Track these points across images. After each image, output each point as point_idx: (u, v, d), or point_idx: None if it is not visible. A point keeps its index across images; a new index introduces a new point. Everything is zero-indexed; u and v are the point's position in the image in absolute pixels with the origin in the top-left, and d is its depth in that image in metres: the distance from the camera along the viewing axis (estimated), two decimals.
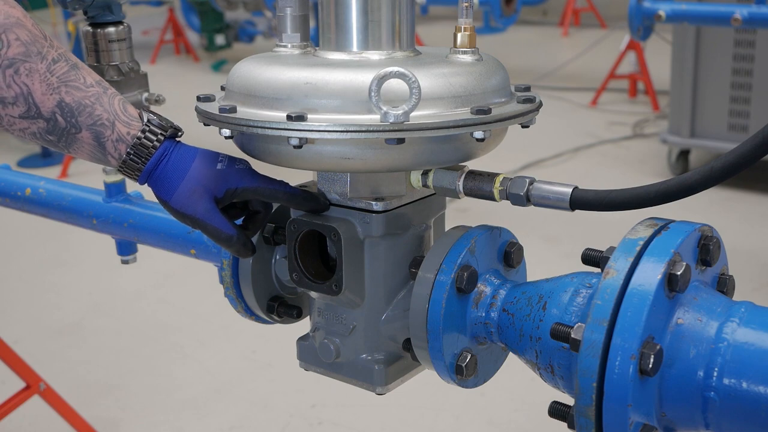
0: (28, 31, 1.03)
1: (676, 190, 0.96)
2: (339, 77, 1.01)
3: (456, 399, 3.07)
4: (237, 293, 1.32)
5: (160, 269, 4.12)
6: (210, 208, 1.09)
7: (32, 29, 1.04)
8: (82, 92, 1.05)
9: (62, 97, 1.04)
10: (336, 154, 1.03)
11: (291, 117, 0.99)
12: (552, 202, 1.04)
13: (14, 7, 1.03)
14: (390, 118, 0.96)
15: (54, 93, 1.04)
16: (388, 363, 1.18)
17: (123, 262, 1.86)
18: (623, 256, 0.92)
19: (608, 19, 11.04)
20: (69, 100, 1.05)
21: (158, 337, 3.65)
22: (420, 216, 1.18)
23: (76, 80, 1.06)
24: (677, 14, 3.83)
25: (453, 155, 1.07)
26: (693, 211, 2.77)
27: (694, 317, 0.92)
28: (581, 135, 6.41)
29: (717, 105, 5.24)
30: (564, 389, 1.03)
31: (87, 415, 2.82)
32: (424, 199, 1.17)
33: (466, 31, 1.09)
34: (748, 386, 0.87)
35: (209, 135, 1.43)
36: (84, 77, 1.07)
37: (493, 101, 1.06)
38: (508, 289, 1.09)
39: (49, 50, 1.04)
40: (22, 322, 3.85)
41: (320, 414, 3.03)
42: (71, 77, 1.05)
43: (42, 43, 1.04)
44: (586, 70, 8.37)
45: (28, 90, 1.03)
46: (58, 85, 1.04)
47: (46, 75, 1.03)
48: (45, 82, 1.03)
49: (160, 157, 1.09)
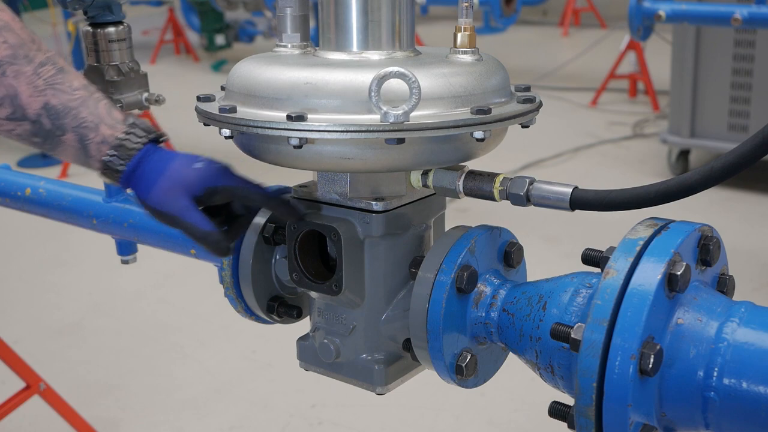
0: (16, 34, 1.04)
1: (675, 190, 0.96)
2: (339, 77, 1.01)
3: (456, 399, 3.07)
4: (237, 293, 1.32)
5: (160, 269, 4.12)
6: (187, 205, 1.08)
7: (20, 33, 1.05)
8: (67, 95, 1.06)
9: (48, 99, 1.05)
10: (336, 154, 1.02)
11: (291, 117, 0.99)
12: (552, 202, 1.04)
13: (2, 10, 1.04)
14: (390, 118, 0.96)
15: (40, 95, 1.05)
16: (388, 363, 1.18)
17: (123, 262, 1.86)
18: (623, 256, 0.92)
19: (608, 19, 11.04)
20: (55, 102, 1.05)
21: (158, 337, 3.65)
22: (420, 216, 1.18)
23: (62, 83, 1.06)
24: (677, 14, 3.83)
25: (453, 155, 1.07)
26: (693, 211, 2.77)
27: (694, 317, 0.92)
28: (581, 135, 6.41)
29: (717, 105, 5.24)
30: (564, 389, 1.03)
31: (87, 415, 2.82)
32: (424, 199, 1.17)
33: (466, 31, 1.09)
34: (748, 386, 0.87)
35: (209, 135, 1.43)
36: (71, 81, 1.07)
37: (493, 101, 1.06)
38: (508, 289, 1.09)
39: (36, 53, 1.05)
40: (22, 322, 3.85)
41: (320, 414, 3.03)
42: (57, 80, 1.06)
43: (29, 46, 1.05)
44: (586, 70, 8.37)
45: (15, 92, 1.04)
46: (44, 88, 1.05)
47: (32, 78, 1.04)
48: (31, 84, 1.05)
49: (140, 159, 1.09)
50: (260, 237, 1.28)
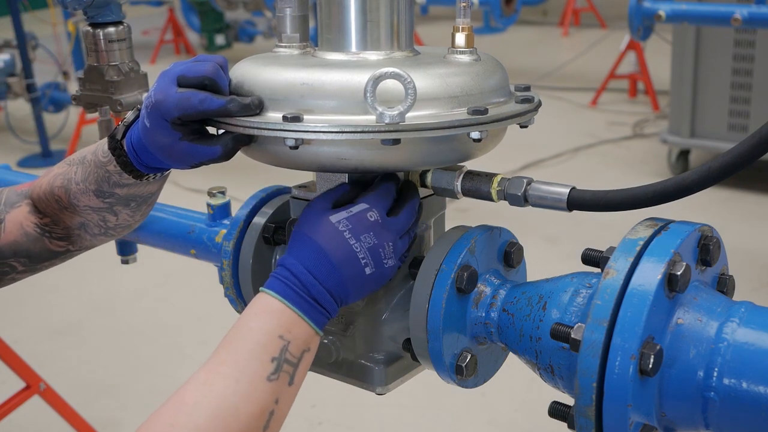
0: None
1: (673, 190, 0.95)
2: (335, 78, 1.01)
3: (456, 399, 3.07)
4: (237, 293, 1.32)
5: (160, 269, 4.12)
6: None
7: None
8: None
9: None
10: (332, 154, 1.02)
11: (287, 118, 0.99)
12: (549, 203, 1.04)
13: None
14: (385, 119, 0.96)
15: None
16: (388, 363, 1.18)
17: (123, 262, 1.86)
18: (623, 256, 0.92)
19: (608, 19, 11.04)
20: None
21: (158, 337, 3.65)
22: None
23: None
24: (677, 14, 3.83)
25: (450, 156, 1.07)
26: (693, 211, 2.77)
27: (694, 317, 0.92)
28: (581, 135, 6.41)
29: (717, 105, 5.24)
30: (564, 389, 1.03)
31: (87, 415, 2.83)
32: (423, 199, 1.17)
33: (464, 31, 1.09)
34: (748, 386, 0.87)
35: None
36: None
37: (491, 101, 1.06)
38: (508, 289, 1.09)
39: None
40: (22, 322, 3.86)
41: (320, 414, 3.03)
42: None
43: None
44: (586, 70, 8.37)
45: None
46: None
47: None
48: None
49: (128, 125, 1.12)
50: (260, 237, 1.28)
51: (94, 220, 1.19)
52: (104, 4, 1.61)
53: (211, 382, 0.93)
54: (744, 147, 0.89)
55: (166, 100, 1.01)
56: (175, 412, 0.90)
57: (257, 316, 0.98)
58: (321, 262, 1.01)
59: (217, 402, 0.91)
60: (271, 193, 1.34)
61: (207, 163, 1.07)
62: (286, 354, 0.96)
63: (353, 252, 1.02)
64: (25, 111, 6.96)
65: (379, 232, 1.04)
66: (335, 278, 1.01)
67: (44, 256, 1.23)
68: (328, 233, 1.02)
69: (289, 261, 1.01)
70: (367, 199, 1.07)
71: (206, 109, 1.01)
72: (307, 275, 1.00)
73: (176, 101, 1.01)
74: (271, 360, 0.95)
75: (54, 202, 1.18)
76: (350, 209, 1.05)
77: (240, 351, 0.95)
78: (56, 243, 1.22)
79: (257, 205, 1.32)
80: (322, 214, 1.04)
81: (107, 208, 1.17)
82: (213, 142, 1.05)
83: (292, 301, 0.99)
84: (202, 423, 0.89)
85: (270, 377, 0.94)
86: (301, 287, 1.00)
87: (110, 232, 1.22)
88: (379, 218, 1.05)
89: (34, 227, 1.20)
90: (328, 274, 1.00)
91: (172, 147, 1.05)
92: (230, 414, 0.90)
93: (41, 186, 1.20)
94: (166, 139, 1.04)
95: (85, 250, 1.27)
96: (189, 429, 0.88)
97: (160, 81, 1.04)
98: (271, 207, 1.31)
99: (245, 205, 1.33)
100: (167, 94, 1.02)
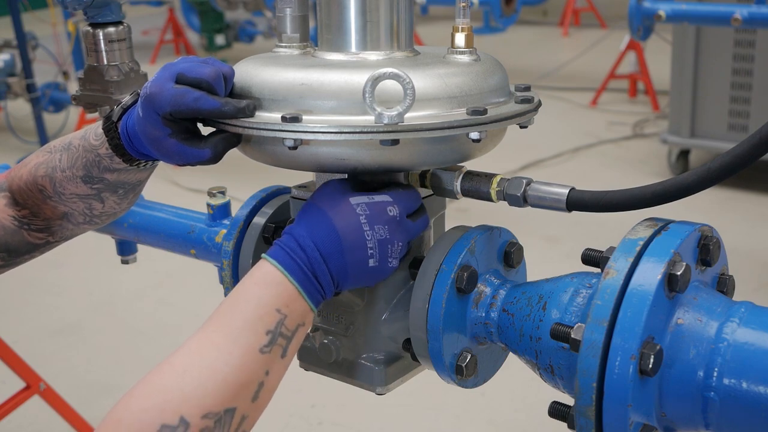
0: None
1: (672, 190, 0.95)
2: (334, 78, 1.01)
3: (456, 399, 3.07)
4: None
5: (160, 269, 4.12)
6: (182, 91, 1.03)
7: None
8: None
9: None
10: (331, 155, 1.02)
11: (285, 118, 0.99)
12: (549, 203, 1.04)
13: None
14: (384, 119, 0.96)
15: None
16: (388, 363, 1.18)
17: (123, 262, 1.86)
18: (623, 256, 0.92)
19: (608, 19, 11.04)
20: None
21: (158, 337, 3.65)
22: None
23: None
24: (677, 14, 3.83)
25: (450, 156, 1.07)
26: (693, 211, 2.77)
27: (694, 317, 0.92)
28: (581, 135, 6.41)
29: (717, 105, 5.24)
30: (564, 389, 1.03)
31: (87, 415, 2.83)
32: (423, 199, 1.17)
33: (464, 31, 1.09)
34: (748, 386, 0.87)
35: None
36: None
37: (490, 101, 1.06)
38: (508, 289, 1.09)
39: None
40: (22, 322, 3.86)
41: (320, 414, 3.03)
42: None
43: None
44: (586, 70, 8.37)
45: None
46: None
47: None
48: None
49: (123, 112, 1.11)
50: (260, 237, 1.28)
51: (79, 209, 1.18)
52: (104, 4, 1.61)
53: (203, 349, 0.92)
54: (744, 147, 0.89)
55: (160, 94, 1.01)
56: (163, 376, 0.91)
57: (256, 285, 0.97)
58: (330, 240, 0.99)
59: (207, 371, 0.90)
60: (271, 193, 1.34)
61: (196, 164, 1.07)
62: (281, 328, 0.95)
63: (363, 239, 1.00)
64: (25, 111, 6.96)
65: (394, 229, 1.03)
66: (340, 260, 0.99)
67: (23, 249, 1.21)
68: (345, 213, 1.01)
69: (298, 232, 1.00)
70: (392, 194, 1.06)
71: (200, 108, 1.00)
72: (314, 250, 0.98)
73: (170, 96, 1.01)
74: (266, 333, 0.94)
75: (37, 193, 1.17)
76: (372, 196, 1.03)
77: (235, 320, 0.95)
78: (35, 235, 1.21)
79: (257, 205, 1.32)
80: (342, 193, 1.03)
81: (95, 194, 1.16)
82: (202, 145, 1.04)
83: (293, 274, 0.97)
84: (189, 390, 0.88)
85: (263, 349, 0.94)
86: (305, 261, 0.98)
87: (95, 220, 1.21)
88: (398, 215, 1.04)
89: (12, 220, 1.19)
90: (335, 254, 0.99)
91: (161, 142, 1.04)
92: (218, 382, 0.90)
93: (21, 177, 1.18)
94: (156, 132, 1.04)
95: (66, 240, 1.25)
96: (175, 394, 0.88)
97: (160, 74, 1.04)
98: (271, 207, 1.31)
99: (245, 205, 1.33)
100: (163, 88, 1.01)
